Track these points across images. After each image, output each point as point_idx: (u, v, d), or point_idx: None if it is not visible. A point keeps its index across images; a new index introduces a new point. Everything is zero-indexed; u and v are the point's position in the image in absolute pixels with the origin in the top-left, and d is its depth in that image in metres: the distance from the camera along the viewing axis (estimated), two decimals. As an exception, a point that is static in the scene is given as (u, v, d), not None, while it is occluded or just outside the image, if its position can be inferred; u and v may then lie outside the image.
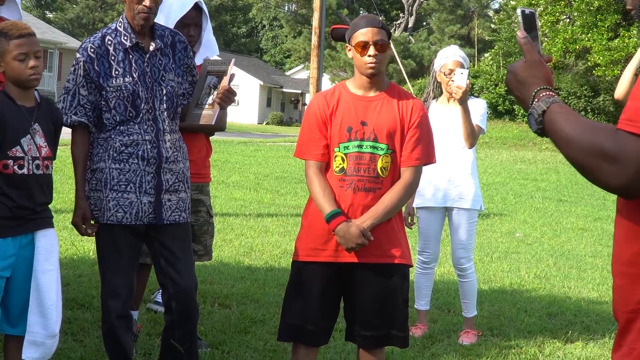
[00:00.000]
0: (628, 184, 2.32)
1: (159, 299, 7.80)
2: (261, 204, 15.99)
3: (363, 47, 4.86)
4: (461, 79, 6.88)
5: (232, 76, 5.16)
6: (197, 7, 6.14)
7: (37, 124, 4.74)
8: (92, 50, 5.04)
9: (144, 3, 5.03)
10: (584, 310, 8.67)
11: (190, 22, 6.10)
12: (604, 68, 37.84)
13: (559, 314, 8.42)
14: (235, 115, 66.46)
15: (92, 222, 5.14)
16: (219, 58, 5.36)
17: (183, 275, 5.23)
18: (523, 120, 41.58)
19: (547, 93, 2.56)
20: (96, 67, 5.03)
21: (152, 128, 5.09)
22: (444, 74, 7.16)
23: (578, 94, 39.84)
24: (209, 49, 6.24)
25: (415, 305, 7.45)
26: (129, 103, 5.04)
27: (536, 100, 2.56)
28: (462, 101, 6.92)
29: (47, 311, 4.74)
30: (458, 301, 7.79)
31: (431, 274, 7.45)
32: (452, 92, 6.95)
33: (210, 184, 6.66)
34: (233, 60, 5.27)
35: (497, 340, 7.28)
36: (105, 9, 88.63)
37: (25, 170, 4.68)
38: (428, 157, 5.05)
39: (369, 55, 4.85)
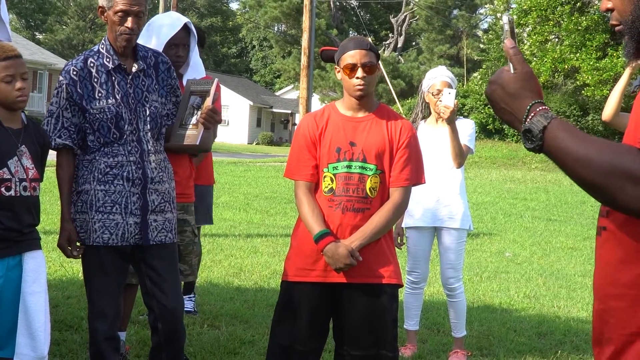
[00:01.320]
0: None
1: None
2: (251, 224, 15.98)
3: (351, 69, 4.87)
4: (449, 99, 6.90)
5: (215, 95, 5.19)
6: (185, 28, 6.15)
7: (24, 145, 4.74)
8: (74, 72, 5.06)
9: (126, 24, 5.04)
10: (573, 330, 8.67)
11: (179, 42, 6.10)
12: (592, 88, 37.99)
13: (548, 334, 8.42)
14: (225, 135, 66.45)
15: (78, 244, 5.13)
16: (199, 79, 5.35)
17: (169, 296, 5.23)
18: (512, 140, 41.70)
19: (543, 108, 2.42)
20: (79, 90, 5.04)
21: (136, 149, 5.10)
22: (432, 94, 7.18)
23: (567, 114, 39.98)
24: (195, 70, 6.24)
25: (404, 326, 7.45)
26: (112, 125, 5.04)
27: (532, 115, 2.41)
28: (450, 121, 6.93)
29: (35, 333, 4.71)
30: (447, 321, 7.78)
31: (420, 293, 7.45)
32: (440, 112, 6.96)
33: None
34: (216, 80, 5.31)
35: (487, 360, 7.28)
36: (95, 30, 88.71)
37: (12, 192, 4.66)
38: (417, 177, 5.06)
39: (357, 78, 4.86)
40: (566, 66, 39.27)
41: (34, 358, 4.74)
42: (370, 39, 5.08)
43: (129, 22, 5.03)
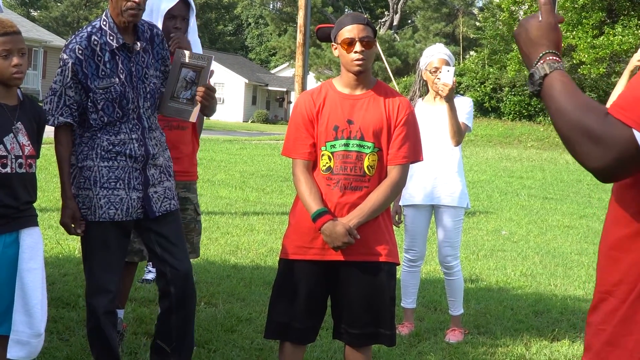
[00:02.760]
0: (605, 167, 2.39)
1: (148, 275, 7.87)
2: (247, 202, 15.95)
3: (349, 44, 4.85)
4: (447, 77, 6.88)
5: (211, 73, 5.21)
6: (184, 1, 6.12)
7: (20, 122, 4.71)
8: (79, 51, 4.99)
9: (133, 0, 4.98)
10: (570, 308, 8.68)
11: (177, 14, 6.08)
12: (589, 66, 37.91)
13: (545, 312, 8.42)
14: (221, 113, 66.28)
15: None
16: (190, 52, 5.31)
17: (180, 260, 5.28)
18: (508, 118, 41.66)
19: (554, 58, 2.58)
20: (84, 69, 4.99)
21: (137, 127, 5.10)
22: (430, 72, 7.16)
23: (563, 92, 39.88)
24: (194, 49, 6.21)
25: (401, 304, 7.45)
26: (116, 104, 5.03)
27: (541, 62, 2.57)
28: (449, 99, 6.91)
29: (32, 310, 4.69)
30: (445, 299, 7.78)
31: (417, 272, 7.45)
32: (439, 90, 6.94)
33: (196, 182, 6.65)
34: (212, 56, 5.30)
35: (484, 338, 7.29)
36: (89, 7, 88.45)
37: (8, 169, 4.64)
38: (415, 155, 5.04)
39: (356, 52, 4.84)
40: (562, 44, 39.11)
41: (30, 335, 4.72)
42: (365, 17, 5.05)
43: None
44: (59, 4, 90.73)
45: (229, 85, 69.09)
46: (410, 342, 6.98)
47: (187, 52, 5.31)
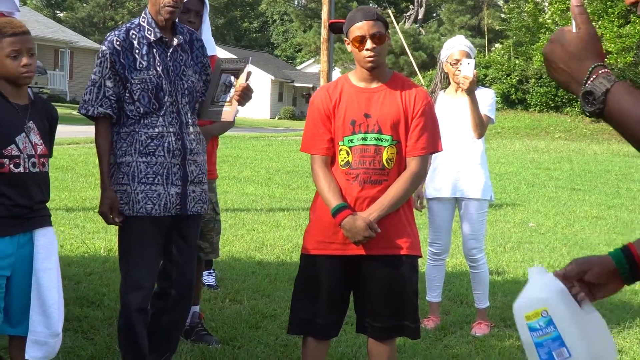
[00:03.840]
0: None
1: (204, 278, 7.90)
2: (273, 198, 15.96)
3: (360, 41, 4.82)
4: (468, 69, 6.84)
5: (248, 74, 5.28)
6: None
7: (31, 121, 4.71)
8: (117, 43, 5.11)
9: None
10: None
11: (192, 8, 6.16)
12: (615, 55, 37.69)
13: (572, 304, 8.35)
14: (247, 110, 66.26)
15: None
16: (233, 56, 5.39)
17: (190, 265, 5.37)
18: (535, 110, 41.42)
19: (605, 70, 2.28)
20: (122, 60, 5.09)
21: (175, 120, 5.16)
22: (451, 64, 7.12)
23: (590, 82, 39.63)
24: (207, 47, 6.22)
25: (427, 297, 7.43)
26: (152, 95, 5.10)
27: (594, 76, 2.26)
28: (470, 91, 6.88)
29: (49, 310, 4.70)
30: (471, 292, 7.74)
31: (442, 265, 7.42)
32: (460, 83, 6.91)
33: (222, 179, 6.67)
34: (249, 58, 5.40)
35: (510, 331, 7.24)
36: (115, 7, 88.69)
37: (21, 169, 4.63)
38: (434, 145, 5.01)
39: (367, 49, 4.81)
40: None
41: (48, 335, 4.73)
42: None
43: None
44: (84, 5, 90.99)
45: (255, 82, 68.33)
46: (436, 336, 6.96)
47: (225, 58, 5.43)
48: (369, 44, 4.82)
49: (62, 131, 24.61)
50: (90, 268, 8.55)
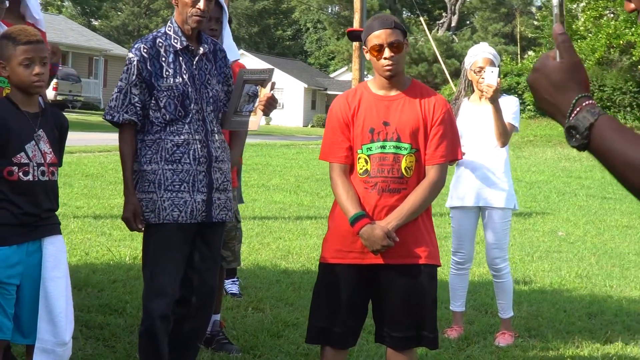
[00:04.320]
0: None
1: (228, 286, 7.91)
2: (301, 206, 15.94)
3: (378, 50, 4.80)
4: (491, 78, 6.80)
5: (273, 84, 5.29)
6: (217, 3, 6.16)
7: (41, 130, 4.70)
8: (144, 50, 5.13)
9: (198, 6, 5.13)
10: (625, 310, 8.55)
11: (212, 15, 6.13)
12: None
13: (599, 314, 8.30)
14: (280, 118, 66.52)
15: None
16: (255, 67, 5.41)
17: (212, 272, 5.37)
18: (568, 118, 41.09)
19: (590, 102, 2.19)
20: (149, 67, 5.11)
21: (201, 128, 5.17)
22: (474, 72, 7.09)
23: (623, 90, 39.30)
24: (229, 52, 6.22)
25: (450, 307, 7.40)
26: (178, 102, 5.12)
27: (578, 109, 2.18)
28: (493, 100, 6.84)
29: (56, 319, 4.68)
30: (495, 302, 7.69)
31: (466, 274, 7.37)
32: (483, 91, 6.87)
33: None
34: (273, 69, 5.41)
35: (534, 341, 7.20)
36: (149, 16, 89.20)
37: (30, 177, 4.62)
38: (453, 153, 4.97)
39: (385, 58, 4.79)
40: (621, 42, 38.55)
41: (55, 344, 4.71)
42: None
43: (201, 4, 5.14)
44: (119, 13, 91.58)
45: (288, 90, 69.17)
46: (459, 346, 6.92)
47: (251, 69, 5.45)
48: (387, 52, 4.79)
49: (95, 138, 24.89)
50: (114, 275, 8.55)
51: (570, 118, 2.19)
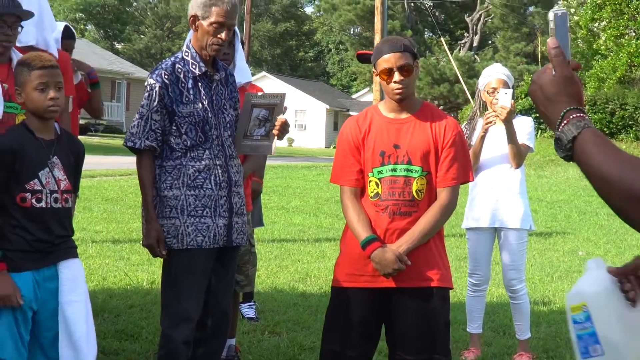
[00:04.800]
0: None
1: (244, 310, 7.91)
2: (320, 228, 15.91)
3: (388, 74, 4.80)
4: (505, 99, 6.79)
5: (285, 109, 5.31)
6: None
7: (56, 156, 4.70)
8: (166, 77, 5.13)
9: (219, 36, 5.15)
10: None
11: None
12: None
13: (618, 334, 8.21)
14: (302, 139, 66.60)
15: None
16: (262, 93, 5.43)
17: (227, 295, 5.41)
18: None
19: (578, 115, 2.29)
20: (170, 94, 5.12)
21: (221, 153, 5.20)
22: (488, 93, 7.07)
23: (645, 108, 39.21)
24: (242, 75, 6.24)
25: (467, 329, 7.37)
26: (199, 128, 5.13)
27: (565, 122, 2.29)
28: (507, 121, 6.82)
29: (76, 343, 4.65)
30: (513, 323, 7.64)
31: (482, 296, 7.33)
32: (497, 113, 6.86)
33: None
34: (285, 94, 5.42)
35: (552, 362, 7.14)
36: (172, 39, 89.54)
37: (43, 204, 4.62)
38: (465, 176, 4.97)
39: (395, 82, 4.79)
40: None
41: None
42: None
43: (223, 34, 5.16)
44: (142, 36, 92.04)
45: (311, 111, 69.28)
46: (475, 368, 6.87)
47: (260, 93, 5.49)
48: (396, 76, 4.80)
49: (117, 162, 24.92)
50: (131, 300, 8.55)
51: (558, 129, 2.30)
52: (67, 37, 7.79)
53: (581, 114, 2.30)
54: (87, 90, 7.90)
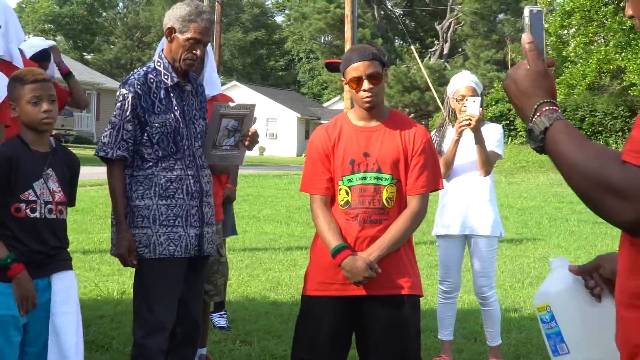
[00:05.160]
0: (634, 220, 2.17)
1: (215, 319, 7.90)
2: (291, 237, 15.89)
3: (357, 82, 4.82)
4: (473, 107, 6.82)
5: (254, 119, 5.31)
6: None
7: (50, 169, 4.78)
8: (138, 86, 5.13)
9: (194, 52, 5.16)
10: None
11: None
12: (640, 87, 37.51)
13: (589, 340, 8.24)
14: (274, 148, 66.59)
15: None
16: (232, 103, 5.43)
17: (197, 304, 5.42)
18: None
19: (550, 108, 2.40)
20: (142, 103, 5.11)
21: (193, 164, 5.21)
22: (457, 100, 7.09)
23: (615, 115, 39.43)
24: (212, 87, 6.24)
25: (439, 336, 7.37)
26: (171, 139, 5.14)
27: (538, 114, 2.39)
28: (476, 130, 6.85)
29: (66, 353, 4.72)
30: (484, 330, 7.66)
31: (453, 303, 7.35)
32: (463, 121, 6.88)
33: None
34: (255, 105, 5.40)
35: (523, 368, 7.16)
36: (142, 49, 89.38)
37: (37, 214, 4.69)
38: (434, 183, 4.98)
39: (364, 90, 4.80)
40: (612, 67, 38.64)
41: None
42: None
43: (197, 51, 5.17)
44: (112, 47, 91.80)
45: (282, 120, 69.31)
46: (447, 375, 6.88)
47: (229, 103, 5.45)
48: (365, 84, 4.81)
49: (87, 172, 24.68)
50: (102, 311, 8.52)
51: (531, 121, 2.39)
52: (43, 60, 7.78)
53: (554, 107, 2.39)
54: (62, 88, 7.81)
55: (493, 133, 7.14)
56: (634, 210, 2.16)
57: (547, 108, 2.40)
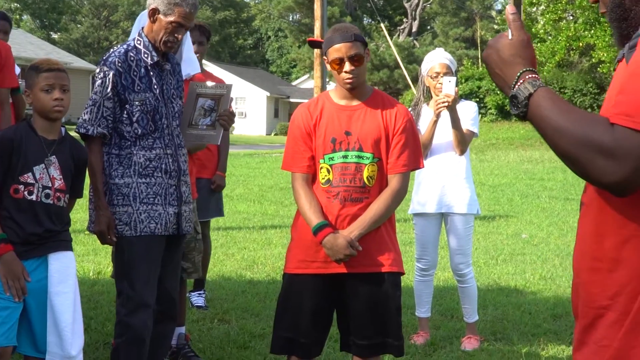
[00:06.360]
0: (623, 180, 2.27)
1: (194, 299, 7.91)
2: (265, 215, 15.92)
3: (339, 63, 4.82)
4: (449, 87, 6.84)
5: (231, 99, 5.36)
6: None
7: (54, 156, 4.87)
8: (119, 64, 5.14)
9: (176, 35, 5.19)
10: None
11: None
12: (608, 64, 37.64)
13: (564, 315, 8.32)
14: (243, 127, 66.48)
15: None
16: (208, 83, 5.43)
17: (173, 281, 5.46)
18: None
19: (533, 76, 2.47)
20: (123, 81, 5.13)
21: (171, 142, 5.24)
22: (431, 77, 7.10)
23: (584, 91, 39.66)
24: (190, 66, 6.24)
25: (416, 313, 7.42)
26: (150, 117, 5.16)
27: (521, 81, 2.47)
28: (451, 109, 6.87)
29: (62, 332, 4.80)
30: (461, 306, 7.71)
31: (430, 280, 7.39)
32: (440, 101, 6.89)
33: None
34: (232, 85, 5.46)
35: (500, 344, 7.22)
36: (109, 27, 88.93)
37: (34, 197, 4.79)
38: (415, 162, 5.00)
39: (346, 71, 4.81)
40: (581, 44, 38.83)
41: (62, 357, 4.83)
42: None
43: (179, 34, 5.20)
44: (79, 26, 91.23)
45: (251, 99, 69.19)
46: (425, 352, 6.93)
47: (206, 83, 5.50)
48: (347, 65, 4.82)
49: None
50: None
51: (514, 89, 2.47)
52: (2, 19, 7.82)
53: (536, 75, 2.47)
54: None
55: (468, 111, 7.17)
56: (623, 170, 2.25)
57: (530, 76, 2.48)
